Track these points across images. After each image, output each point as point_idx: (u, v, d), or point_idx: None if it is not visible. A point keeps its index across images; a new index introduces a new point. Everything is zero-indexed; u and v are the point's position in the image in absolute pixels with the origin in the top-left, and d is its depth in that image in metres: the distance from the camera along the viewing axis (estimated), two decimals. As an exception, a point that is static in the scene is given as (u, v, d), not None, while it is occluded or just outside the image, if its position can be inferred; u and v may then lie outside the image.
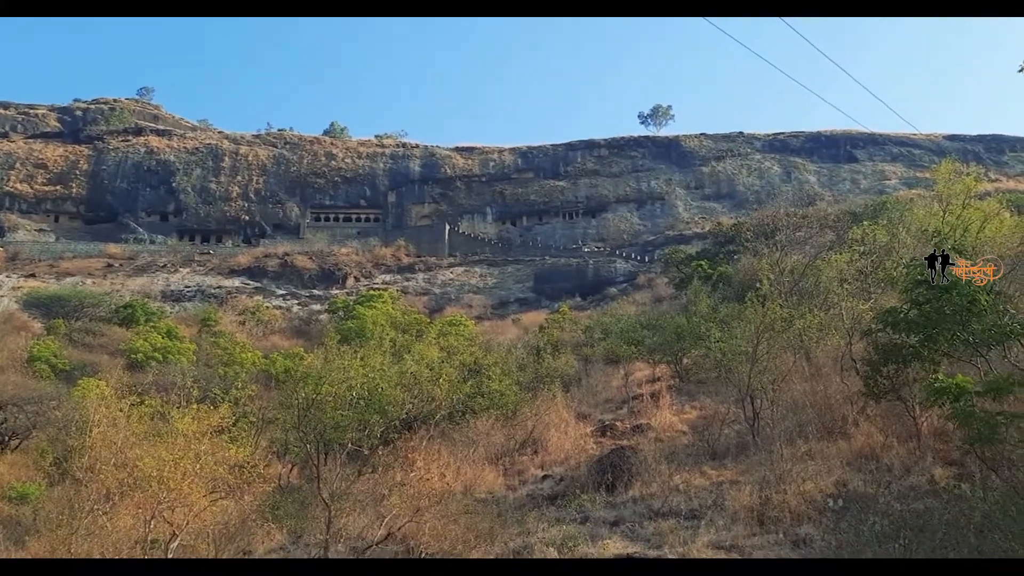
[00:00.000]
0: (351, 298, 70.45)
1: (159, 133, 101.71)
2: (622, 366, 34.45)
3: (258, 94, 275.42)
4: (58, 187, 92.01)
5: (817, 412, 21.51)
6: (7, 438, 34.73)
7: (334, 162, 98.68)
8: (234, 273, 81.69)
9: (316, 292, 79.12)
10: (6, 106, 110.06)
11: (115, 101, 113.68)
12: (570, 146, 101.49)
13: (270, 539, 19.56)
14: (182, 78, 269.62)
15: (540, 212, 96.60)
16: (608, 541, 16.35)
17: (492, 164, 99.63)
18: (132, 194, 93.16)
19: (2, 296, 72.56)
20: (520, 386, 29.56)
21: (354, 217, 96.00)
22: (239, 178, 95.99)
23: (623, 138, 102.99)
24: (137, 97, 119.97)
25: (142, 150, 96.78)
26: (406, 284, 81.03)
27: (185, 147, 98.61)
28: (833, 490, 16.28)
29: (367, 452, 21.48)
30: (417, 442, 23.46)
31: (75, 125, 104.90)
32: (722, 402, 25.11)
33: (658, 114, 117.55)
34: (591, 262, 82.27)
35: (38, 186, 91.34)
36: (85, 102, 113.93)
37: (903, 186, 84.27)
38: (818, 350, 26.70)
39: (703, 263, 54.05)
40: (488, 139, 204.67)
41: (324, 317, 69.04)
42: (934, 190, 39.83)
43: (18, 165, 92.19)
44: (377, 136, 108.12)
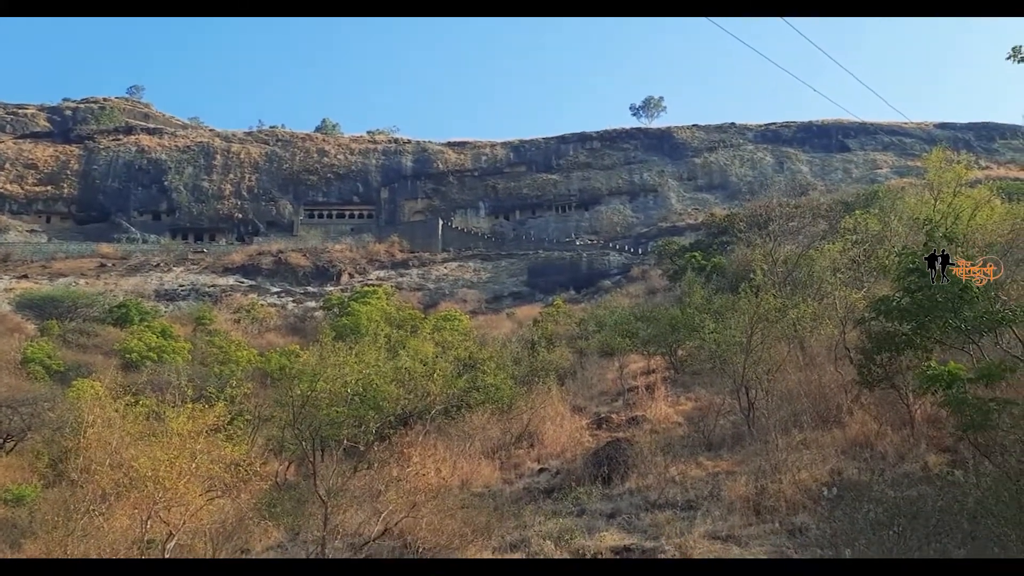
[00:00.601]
0: (346, 295, 70.39)
1: (150, 132, 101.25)
2: (617, 358, 34.46)
3: (249, 91, 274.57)
4: (49, 187, 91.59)
5: (812, 401, 21.58)
6: (2, 440, 34.65)
7: (326, 159, 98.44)
8: (228, 271, 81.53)
9: (311, 289, 79.06)
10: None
11: (105, 100, 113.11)
12: (562, 139, 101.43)
13: (268, 537, 19.57)
14: (172, 76, 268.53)
15: (533, 206, 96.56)
16: (605, 533, 16.39)
17: (484, 158, 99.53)
18: (124, 193, 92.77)
19: (-6, 297, 72.29)
20: (515, 380, 29.60)
21: (347, 214, 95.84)
22: (231, 176, 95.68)
23: (615, 130, 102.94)
24: (127, 96, 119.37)
25: (133, 149, 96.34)
26: (400, 280, 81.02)
27: (176, 145, 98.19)
28: (828, 479, 16.34)
29: (362, 448, 21.50)
30: (413, 437, 23.49)
31: (65, 125, 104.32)
32: (717, 393, 25.18)
33: (650, 106, 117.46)
34: (585, 255, 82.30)
35: (28, 186, 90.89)
36: (75, 101, 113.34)
37: (895, 175, 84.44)
38: (812, 339, 26.78)
39: (697, 254, 54.14)
40: (480, 133, 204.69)
41: (319, 314, 69.01)
42: (925, 178, 39.95)
43: (8, 166, 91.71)
44: (369, 132, 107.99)
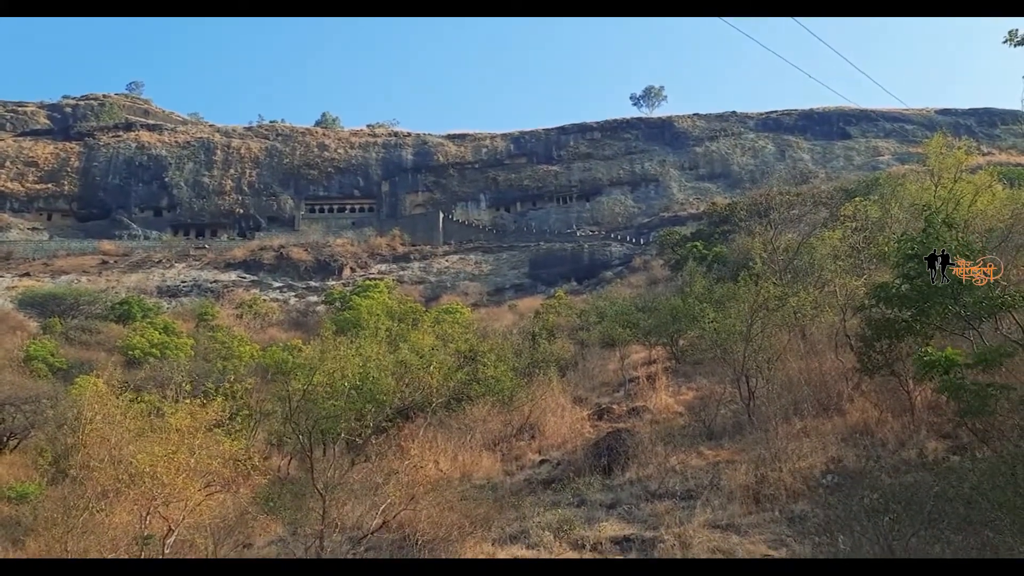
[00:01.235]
0: (347, 289, 70.51)
1: (150, 128, 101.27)
2: (618, 349, 34.40)
3: (248, 86, 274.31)
4: (50, 185, 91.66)
5: (812, 389, 21.51)
6: (5, 438, 34.72)
7: (327, 153, 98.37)
8: (230, 267, 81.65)
9: (312, 284, 79.13)
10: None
11: (104, 96, 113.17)
12: (562, 130, 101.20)
13: (268, 531, 19.60)
14: (171, 72, 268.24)
15: (534, 197, 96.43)
16: (605, 523, 16.37)
17: (484, 150, 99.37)
18: (124, 190, 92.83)
19: (-3, 296, 72.47)
20: (516, 372, 29.55)
21: (348, 208, 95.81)
22: (232, 171, 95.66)
23: (616, 120, 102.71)
24: (127, 92, 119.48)
25: (133, 145, 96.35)
26: (402, 273, 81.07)
27: (176, 141, 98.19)
28: (828, 466, 16.31)
29: (360, 442, 21.50)
30: (412, 430, 23.49)
31: (65, 122, 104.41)
32: (718, 382, 25.11)
33: (650, 95, 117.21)
34: (586, 246, 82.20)
35: (29, 184, 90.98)
36: (74, 98, 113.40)
37: (896, 161, 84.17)
38: (813, 327, 26.70)
39: (698, 244, 54.01)
40: (480, 125, 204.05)
41: (321, 308, 69.13)
42: (926, 165, 39.76)
43: (8, 163, 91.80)
44: (369, 126, 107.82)
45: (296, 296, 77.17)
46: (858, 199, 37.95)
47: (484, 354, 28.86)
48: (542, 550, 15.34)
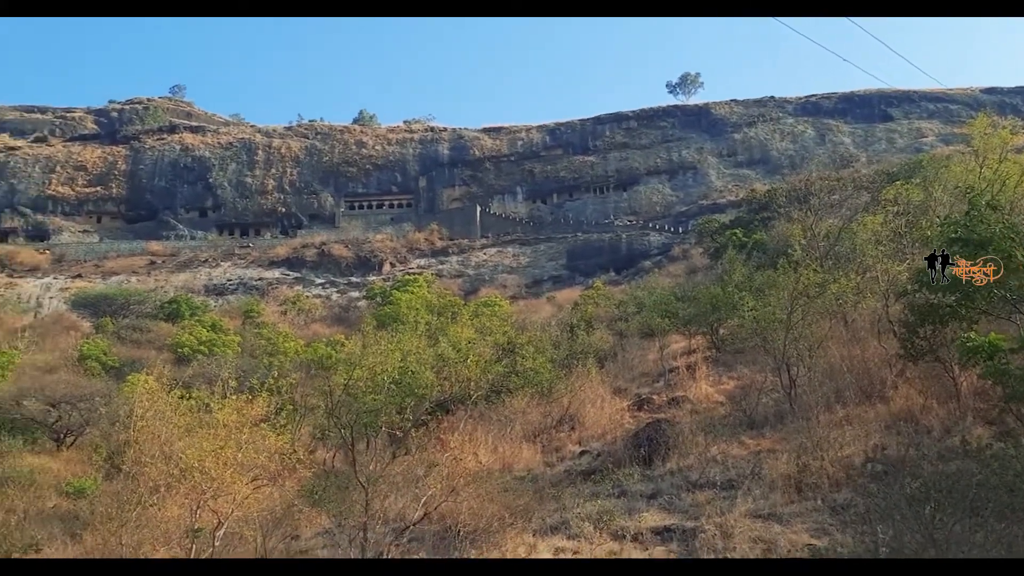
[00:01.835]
0: (387, 284, 71.29)
1: (193, 130, 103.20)
2: (657, 339, 34.25)
3: (286, 86, 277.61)
4: (98, 188, 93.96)
5: (855, 377, 21.26)
6: (62, 435, 35.90)
7: (365, 150, 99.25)
8: (274, 264, 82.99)
9: (354, 279, 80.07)
10: (44, 110, 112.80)
11: (149, 100, 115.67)
12: (598, 120, 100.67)
13: (314, 523, 20.03)
14: (212, 74, 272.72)
15: (570, 188, 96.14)
16: (645, 514, 16.42)
17: (520, 143, 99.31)
18: (170, 191, 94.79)
19: (51, 297, 74.70)
20: (555, 363, 29.62)
21: (387, 203, 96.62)
22: (273, 170, 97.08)
23: (652, 109, 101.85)
24: (170, 95, 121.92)
25: (177, 147, 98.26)
26: (440, 267, 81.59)
27: (219, 142, 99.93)
28: (870, 455, 16.14)
29: (401, 435, 21.81)
30: (452, 423, 23.74)
31: (111, 126, 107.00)
32: (759, 371, 24.89)
33: (687, 82, 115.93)
34: (624, 236, 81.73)
35: (79, 188, 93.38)
36: (120, 103, 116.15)
37: (940, 143, 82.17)
38: (855, 314, 26.32)
39: (737, 231, 53.38)
40: (515, 118, 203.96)
41: (362, 304, 69.94)
42: (971, 145, 38.79)
43: (59, 168, 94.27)
44: (406, 122, 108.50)
45: (338, 292, 78.19)
46: (900, 182, 37.21)
47: (522, 346, 28.96)
48: (583, 541, 15.46)
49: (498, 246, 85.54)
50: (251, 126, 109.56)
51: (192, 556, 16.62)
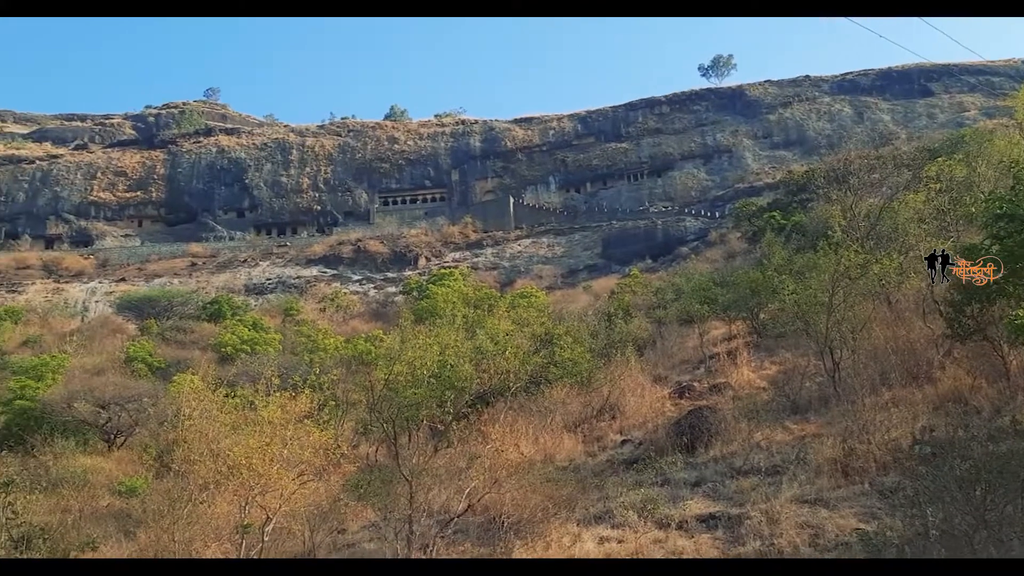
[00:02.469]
0: (424, 278, 71.61)
1: (228, 132, 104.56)
2: (697, 326, 33.99)
3: (317, 85, 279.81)
4: (138, 193, 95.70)
5: (900, 358, 20.94)
6: (113, 436, 36.75)
7: (397, 145, 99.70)
8: (311, 262, 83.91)
9: (390, 275, 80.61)
10: (83, 118, 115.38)
11: (184, 104, 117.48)
12: (630, 106, 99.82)
13: (360, 517, 20.27)
14: (244, 75, 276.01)
15: (604, 176, 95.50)
16: (690, 502, 16.37)
17: (552, 132, 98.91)
18: (208, 193, 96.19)
19: (97, 301, 76.52)
20: (593, 353, 29.57)
21: (420, 198, 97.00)
22: (308, 169, 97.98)
23: (684, 92, 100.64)
24: (204, 98, 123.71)
25: (214, 150, 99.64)
26: (475, 260, 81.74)
27: (254, 143, 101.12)
28: (918, 437, 15.88)
29: (442, 428, 21.97)
30: (492, 415, 23.84)
31: (149, 131, 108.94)
32: (801, 355, 24.63)
33: (719, 65, 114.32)
34: (660, 223, 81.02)
35: (120, 193, 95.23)
36: (156, 108, 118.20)
37: (983, 116, 79.90)
38: (898, 294, 25.86)
39: (775, 214, 52.63)
40: (546, 108, 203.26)
41: (399, 299, 70.34)
42: (1015, 118, 37.74)
43: (99, 174, 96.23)
44: (437, 115, 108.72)
45: (375, 288, 78.83)
46: (942, 159, 36.37)
47: (560, 337, 28.96)
48: (627, 529, 15.45)
49: (532, 237, 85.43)
50: (284, 126, 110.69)
51: (242, 551, 16.96)
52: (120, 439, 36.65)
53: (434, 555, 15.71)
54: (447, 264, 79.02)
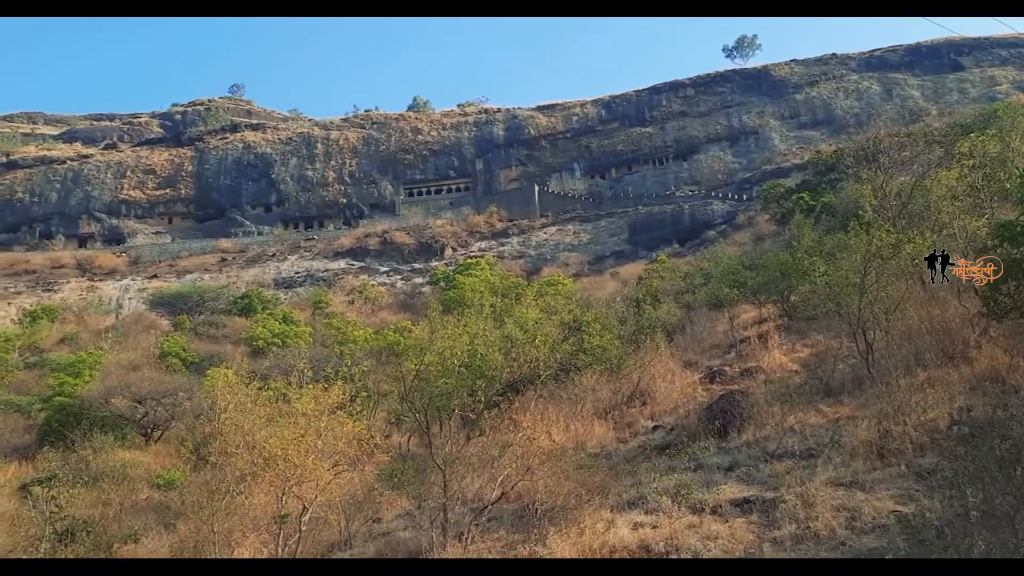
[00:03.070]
0: (450, 268, 71.88)
1: (254, 128, 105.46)
2: (726, 310, 33.74)
3: (340, 78, 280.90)
4: (168, 190, 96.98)
5: (935, 338, 20.60)
6: (150, 430, 37.43)
7: (420, 136, 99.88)
8: (339, 255, 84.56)
9: (417, 266, 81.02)
10: (111, 118, 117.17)
11: (210, 101, 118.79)
12: (654, 90, 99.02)
13: (395, 506, 20.48)
14: (267, 71, 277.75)
15: (629, 162, 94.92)
16: (723, 486, 16.27)
17: (575, 119, 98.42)
18: (236, 189, 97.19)
19: (130, 298, 77.81)
20: (622, 339, 29.49)
21: (445, 188, 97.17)
22: (333, 163, 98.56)
23: (709, 75, 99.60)
24: (229, 95, 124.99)
25: (240, 146, 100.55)
26: (501, 249, 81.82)
27: (279, 138, 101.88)
28: (956, 417, 15.66)
29: (474, 417, 22.08)
30: (523, 403, 23.89)
31: (176, 129, 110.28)
32: (834, 337, 24.34)
33: (744, 45, 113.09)
34: (686, 207, 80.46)
35: (149, 191, 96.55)
36: (182, 105, 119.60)
37: (1016, 90, 78.25)
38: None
39: (804, 195, 51.96)
40: (569, 94, 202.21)
41: (427, 289, 70.71)
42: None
43: (129, 173, 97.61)
44: (459, 105, 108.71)
45: (402, 279, 79.27)
46: (975, 134, 35.63)
47: (589, 324, 28.90)
48: (661, 515, 15.41)
49: (558, 224, 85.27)
50: (309, 120, 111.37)
51: (280, 541, 17.22)
52: (157, 433, 37.31)
53: (469, 543, 15.82)
54: (473, 254, 79.17)
